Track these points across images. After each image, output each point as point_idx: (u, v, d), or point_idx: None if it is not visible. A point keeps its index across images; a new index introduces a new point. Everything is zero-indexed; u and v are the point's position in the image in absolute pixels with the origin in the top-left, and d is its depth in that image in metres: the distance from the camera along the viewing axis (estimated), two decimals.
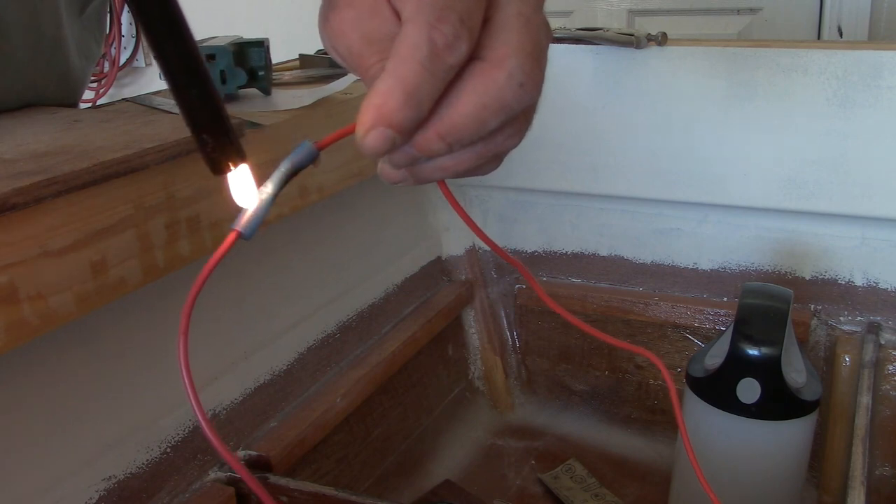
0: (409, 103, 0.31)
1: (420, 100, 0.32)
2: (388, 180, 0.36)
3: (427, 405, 0.90)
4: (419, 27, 0.31)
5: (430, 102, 0.32)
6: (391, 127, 0.32)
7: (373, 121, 0.32)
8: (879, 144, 0.77)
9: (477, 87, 0.33)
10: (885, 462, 0.82)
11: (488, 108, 0.33)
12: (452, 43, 0.31)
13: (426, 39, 0.31)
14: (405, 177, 0.35)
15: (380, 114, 0.31)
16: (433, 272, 0.95)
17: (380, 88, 0.32)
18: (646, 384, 0.93)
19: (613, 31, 0.84)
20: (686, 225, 0.89)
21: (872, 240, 0.82)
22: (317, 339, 0.76)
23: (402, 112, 0.32)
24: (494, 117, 0.33)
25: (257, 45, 0.66)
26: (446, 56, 0.32)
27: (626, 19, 2.02)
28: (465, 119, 0.33)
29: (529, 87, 0.33)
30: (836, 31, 1.85)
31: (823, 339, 0.85)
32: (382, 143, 0.32)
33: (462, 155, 0.35)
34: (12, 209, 0.41)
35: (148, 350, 0.59)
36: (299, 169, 0.33)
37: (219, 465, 0.62)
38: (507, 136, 0.35)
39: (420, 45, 0.31)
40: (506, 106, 0.33)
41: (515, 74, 0.33)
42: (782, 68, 0.79)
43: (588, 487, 0.84)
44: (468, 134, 0.34)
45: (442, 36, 0.31)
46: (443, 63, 0.32)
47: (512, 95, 0.33)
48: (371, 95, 0.32)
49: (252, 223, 0.33)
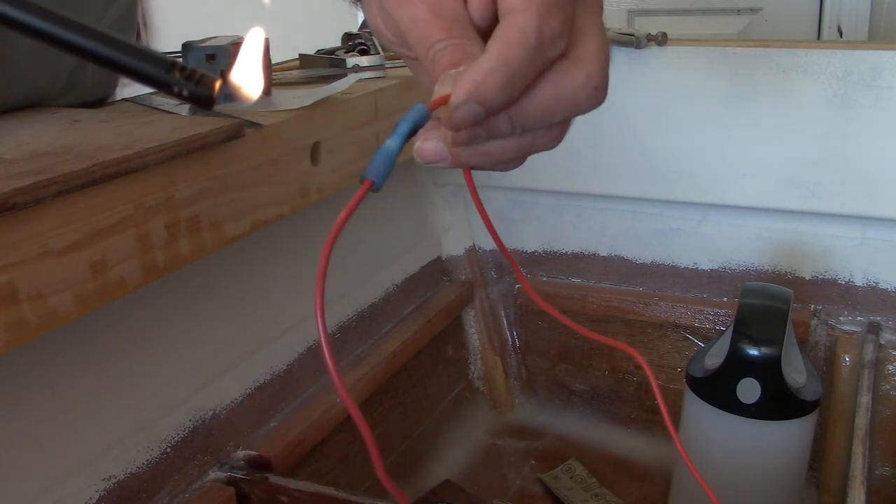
0: (508, 86, 0.33)
1: (516, 85, 0.33)
2: (424, 159, 0.36)
3: (427, 405, 0.90)
4: (530, 17, 0.33)
5: (522, 89, 0.34)
6: (482, 104, 0.33)
7: (468, 95, 0.33)
8: (879, 144, 0.77)
9: (556, 81, 0.34)
10: (885, 462, 0.82)
11: (561, 103, 0.35)
12: (556, 38, 0.33)
13: (536, 29, 0.33)
14: (444, 156, 0.36)
15: (478, 90, 0.32)
16: (433, 272, 0.95)
17: (483, 66, 0.33)
18: (646, 384, 0.93)
19: (613, 31, 0.84)
20: (686, 225, 0.89)
21: (872, 240, 0.82)
22: (317, 339, 0.76)
23: (498, 93, 0.33)
24: (563, 112, 0.35)
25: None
26: (549, 49, 0.33)
27: (626, 19, 2.02)
28: (538, 107, 0.35)
29: (602, 91, 0.35)
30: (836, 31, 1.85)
31: (823, 339, 0.85)
32: (471, 118, 0.33)
33: (509, 143, 0.36)
34: (12, 209, 0.41)
35: (148, 350, 0.59)
36: (417, 128, 0.34)
37: (219, 465, 0.62)
38: (554, 135, 0.37)
39: (529, 34, 0.33)
40: (577, 104, 0.35)
41: (594, 77, 0.35)
42: (782, 68, 0.79)
43: (588, 487, 0.84)
44: (535, 121, 0.35)
45: (550, 30, 0.33)
46: (544, 54, 0.33)
47: (585, 95, 0.35)
48: (472, 71, 0.33)
49: (382, 173, 0.33)
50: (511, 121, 0.35)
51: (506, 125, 0.35)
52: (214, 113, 0.62)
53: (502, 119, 0.34)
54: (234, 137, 0.55)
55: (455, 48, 0.35)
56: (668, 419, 0.48)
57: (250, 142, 0.57)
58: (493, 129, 0.35)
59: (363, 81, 0.75)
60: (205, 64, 0.64)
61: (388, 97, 0.72)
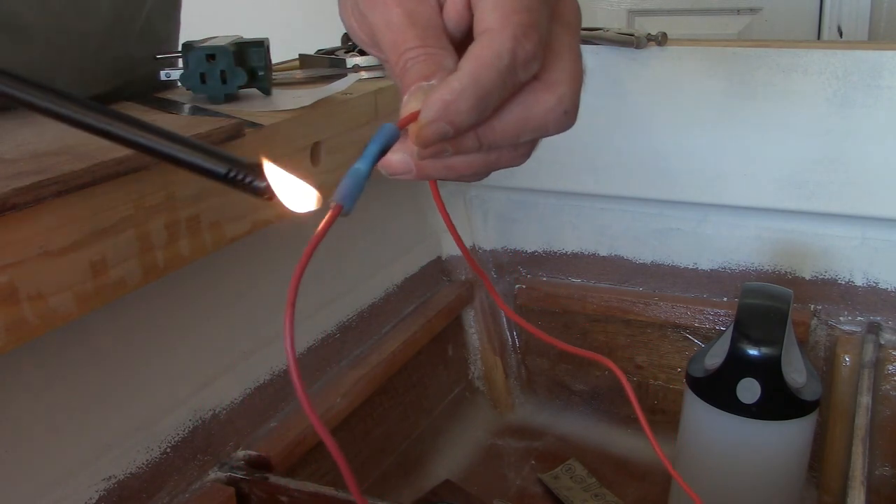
0: (477, 107, 0.33)
1: (486, 106, 0.33)
2: (390, 171, 0.36)
3: (427, 405, 0.90)
4: (505, 38, 0.32)
5: (492, 110, 0.34)
6: (451, 124, 0.33)
7: (437, 114, 0.32)
8: (879, 144, 0.77)
9: (526, 102, 0.34)
10: (885, 462, 0.82)
11: (530, 124, 0.35)
12: (531, 61, 0.33)
13: (509, 51, 0.32)
14: (410, 169, 0.36)
15: (448, 110, 0.32)
16: (433, 272, 0.95)
17: (453, 85, 0.32)
18: (646, 384, 0.93)
19: (613, 31, 0.84)
20: (686, 225, 0.89)
21: (872, 240, 0.82)
22: (317, 339, 0.76)
23: (467, 114, 0.33)
24: (531, 133, 0.35)
25: (257, 45, 0.66)
26: (522, 71, 0.33)
27: (626, 19, 2.02)
28: (506, 127, 0.34)
29: (572, 116, 0.35)
30: (836, 31, 1.85)
31: (823, 339, 0.85)
32: (437, 136, 0.33)
33: (475, 159, 0.36)
34: (12, 209, 0.41)
35: (148, 350, 0.59)
36: (386, 149, 0.34)
37: (219, 465, 0.62)
38: (521, 153, 0.37)
39: (503, 56, 0.32)
40: (545, 127, 0.35)
41: (564, 101, 0.34)
42: (782, 68, 0.79)
43: (588, 487, 0.84)
44: (502, 140, 0.35)
45: (524, 52, 0.33)
46: (517, 77, 0.33)
47: (554, 119, 0.35)
48: (442, 89, 0.32)
49: (352, 197, 0.34)
50: (479, 139, 0.34)
51: (473, 143, 0.35)
52: (214, 113, 0.62)
53: (470, 137, 0.34)
54: (234, 137, 0.55)
55: (427, 58, 0.34)
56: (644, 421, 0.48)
57: (250, 142, 0.57)
58: (461, 145, 0.35)
59: (363, 81, 0.75)
60: (205, 64, 0.64)
61: (387, 97, 0.72)
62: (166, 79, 0.66)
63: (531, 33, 0.33)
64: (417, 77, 0.34)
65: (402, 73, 0.35)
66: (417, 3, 0.35)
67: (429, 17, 0.35)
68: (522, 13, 0.33)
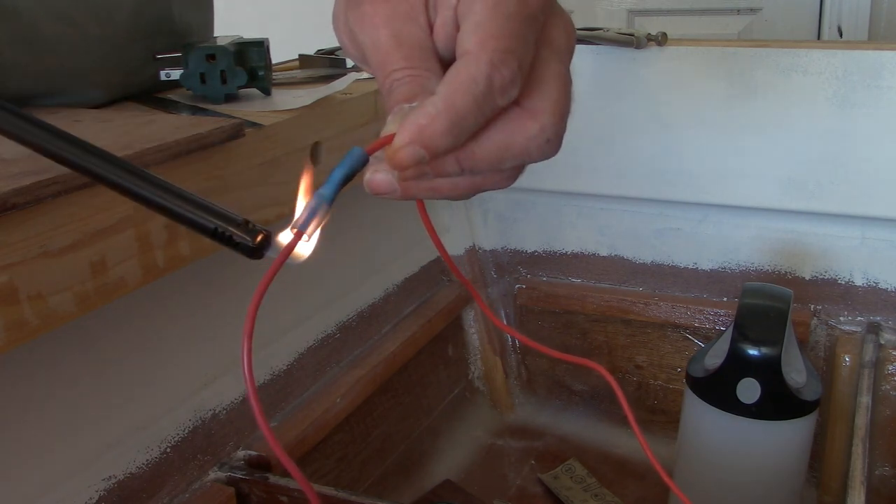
0: (452, 132, 0.32)
1: (462, 131, 0.32)
2: (374, 191, 0.35)
3: (427, 405, 0.90)
4: (481, 63, 0.32)
5: (469, 135, 0.33)
6: (426, 148, 0.32)
7: (411, 138, 0.32)
8: (879, 144, 0.77)
9: (508, 129, 0.34)
10: (885, 462, 0.82)
11: (511, 151, 0.34)
12: (508, 87, 0.32)
13: (485, 77, 0.32)
14: (394, 189, 0.35)
15: (421, 134, 0.32)
16: (433, 272, 0.95)
17: (428, 110, 0.32)
18: (646, 384, 0.93)
19: (613, 31, 0.84)
20: (686, 225, 0.89)
21: (872, 240, 0.82)
22: (317, 339, 0.76)
23: (442, 138, 0.32)
24: (512, 160, 0.34)
25: (257, 45, 0.66)
26: (499, 97, 0.32)
27: (626, 19, 2.02)
28: (487, 153, 0.34)
29: (554, 145, 0.34)
30: (836, 31, 1.85)
31: (823, 339, 0.85)
32: (412, 160, 0.33)
33: (459, 181, 0.36)
34: (12, 209, 0.41)
35: (147, 350, 0.59)
36: (353, 174, 0.34)
37: (219, 465, 0.62)
38: (506, 177, 0.36)
39: (478, 81, 0.32)
40: (527, 154, 0.34)
41: (547, 129, 0.34)
42: (782, 68, 0.79)
43: (588, 487, 0.84)
44: (483, 166, 0.34)
45: (501, 78, 0.32)
46: (494, 102, 0.32)
47: (536, 147, 0.34)
48: (417, 114, 0.32)
49: (313, 225, 0.33)
50: (459, 163, 0.34)
51: (453, 167, 0.34)
52: (215, 113, 0.62)
53: (450, 161, 0.34)
54: (234, 137, 0.55)
55: (412, 80, 0.34)
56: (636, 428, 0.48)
57: (250, 142, 0.57)
58: (441, 169, 0.34)
59: (362, 81, 0.75)
60: (205, 64, 0.64)
61: None
62: (166, 79, 0.66)
63: (509, 59, 0.32)
64: (400, 98, 0.34)
65: (387, 94, 0.34)
66: (406, 24, 0.35)
67: (417, 37, 0.35)
68: (501, 38, 0.32)
